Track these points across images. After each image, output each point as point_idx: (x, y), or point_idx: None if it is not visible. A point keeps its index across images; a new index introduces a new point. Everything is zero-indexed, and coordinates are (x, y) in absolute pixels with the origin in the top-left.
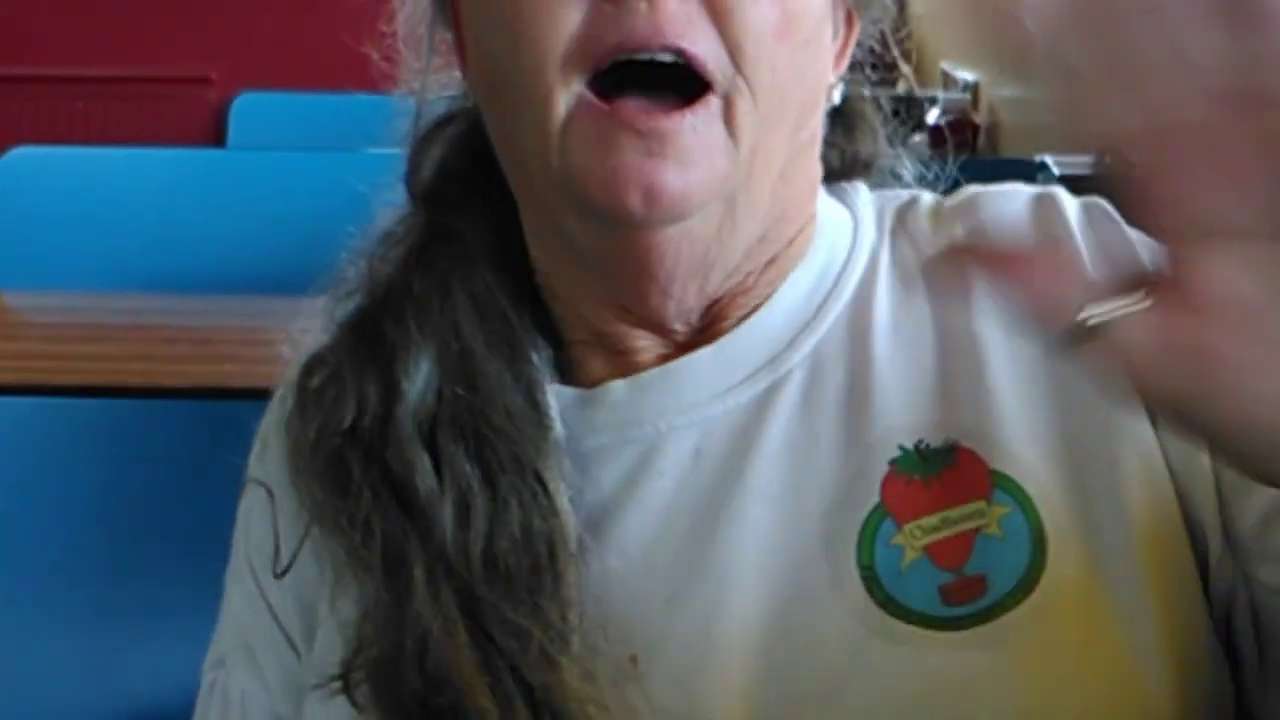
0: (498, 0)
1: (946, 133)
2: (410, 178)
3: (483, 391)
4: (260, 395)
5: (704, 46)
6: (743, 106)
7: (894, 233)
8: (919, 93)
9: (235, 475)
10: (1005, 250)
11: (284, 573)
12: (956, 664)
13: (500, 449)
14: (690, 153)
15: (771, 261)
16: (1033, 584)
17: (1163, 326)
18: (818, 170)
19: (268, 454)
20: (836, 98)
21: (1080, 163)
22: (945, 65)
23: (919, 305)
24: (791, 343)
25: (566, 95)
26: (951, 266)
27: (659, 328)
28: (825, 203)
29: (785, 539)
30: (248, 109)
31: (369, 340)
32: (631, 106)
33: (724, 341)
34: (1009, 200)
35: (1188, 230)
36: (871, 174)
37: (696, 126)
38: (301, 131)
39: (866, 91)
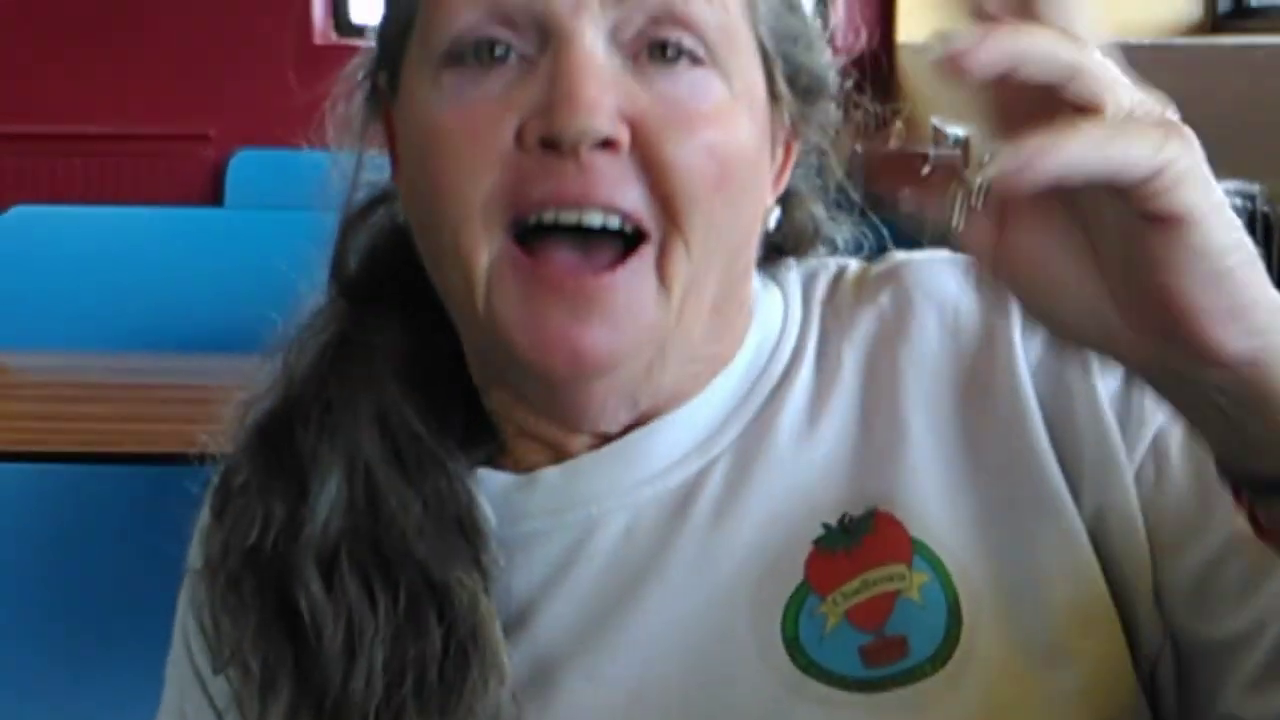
0: (421, 142)
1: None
2: (335, 266)
3: (384, 517)
4: (186, 460)
5: (636, 202)
6: (677, 255)
7: (822, 308)
8: (910, 149)
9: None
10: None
11: (223, 668)
12: None
13: (403, 574)
14: (619, 312)
15: (703, 366)
16: (948, 654)
17: (993, 234)
18: (751, 287)
19: (205, 546)
20: (772, 222)
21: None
22: (935, 121)
23: (843, 379)
24: (722, 426)
25: (490, 245)
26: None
27: (591, 431)
28: (757, 285)
29: (709, 611)
30: (245, 166)
31: (279, 449)
32: (557, 263)
33: (657, 425)
34: (934, 270)
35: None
36: (806, 249)
37: (628, 282)
38: (299, 188)
39: (859, 148)
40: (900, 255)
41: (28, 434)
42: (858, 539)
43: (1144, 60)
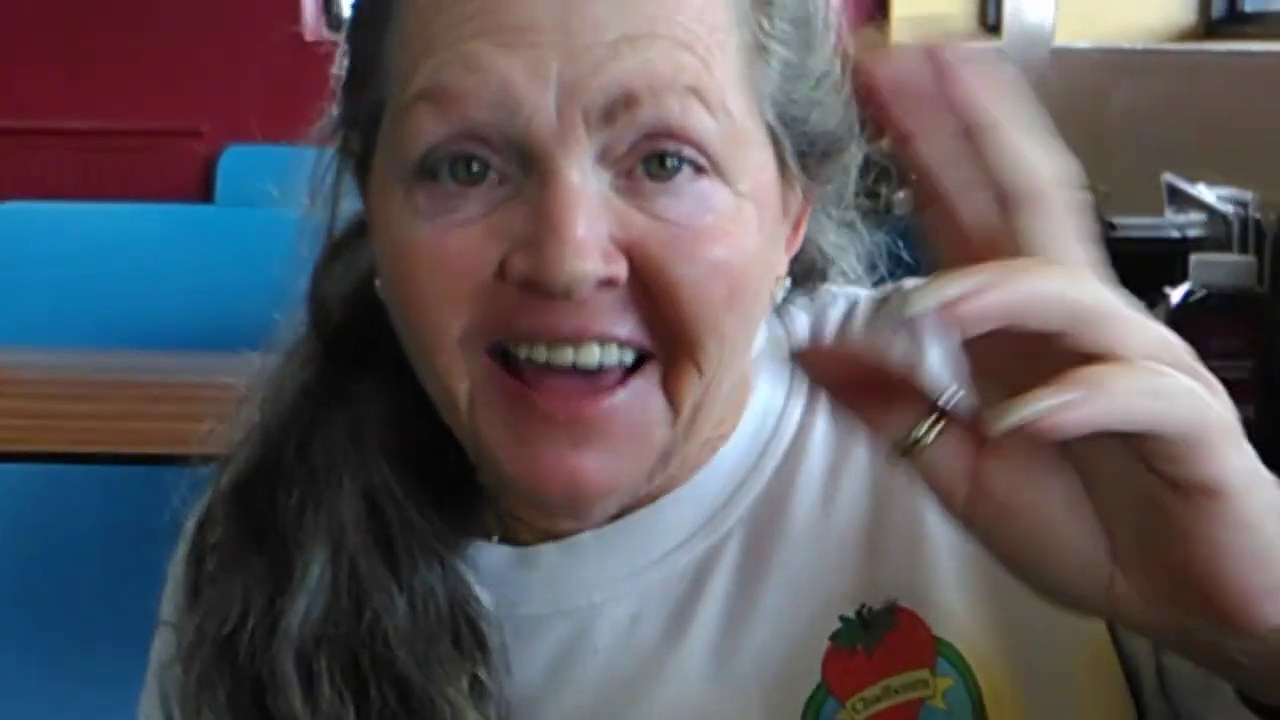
0: (394, 259)
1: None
2: (314, 309)
3: (367, 617)
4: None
5: (638, 329)
6: (687, 377)
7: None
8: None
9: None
10: (843, 356)
11: None
12: None
13: (382, 687)
14: (621, 438)
15: (705, 441)
16: None
17: (969, 463)
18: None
19: (176, 599)
20: (780, 295)
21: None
22: None
23: (855, 448)
24: (730, 500)
25: (471, 368)
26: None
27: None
28: (762, 336)
29: (724, 711)
30: (236, 162)
31: (259, 519)
32: (549, 389)
33: (662, 502)
34: None
35: (1014, 386)
36: (816, 282)
37: (631, 405)
38: (290, 185)
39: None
40: (910, 286)
41: (14, 432)
42: (878, 635)
43: (1137, 66)
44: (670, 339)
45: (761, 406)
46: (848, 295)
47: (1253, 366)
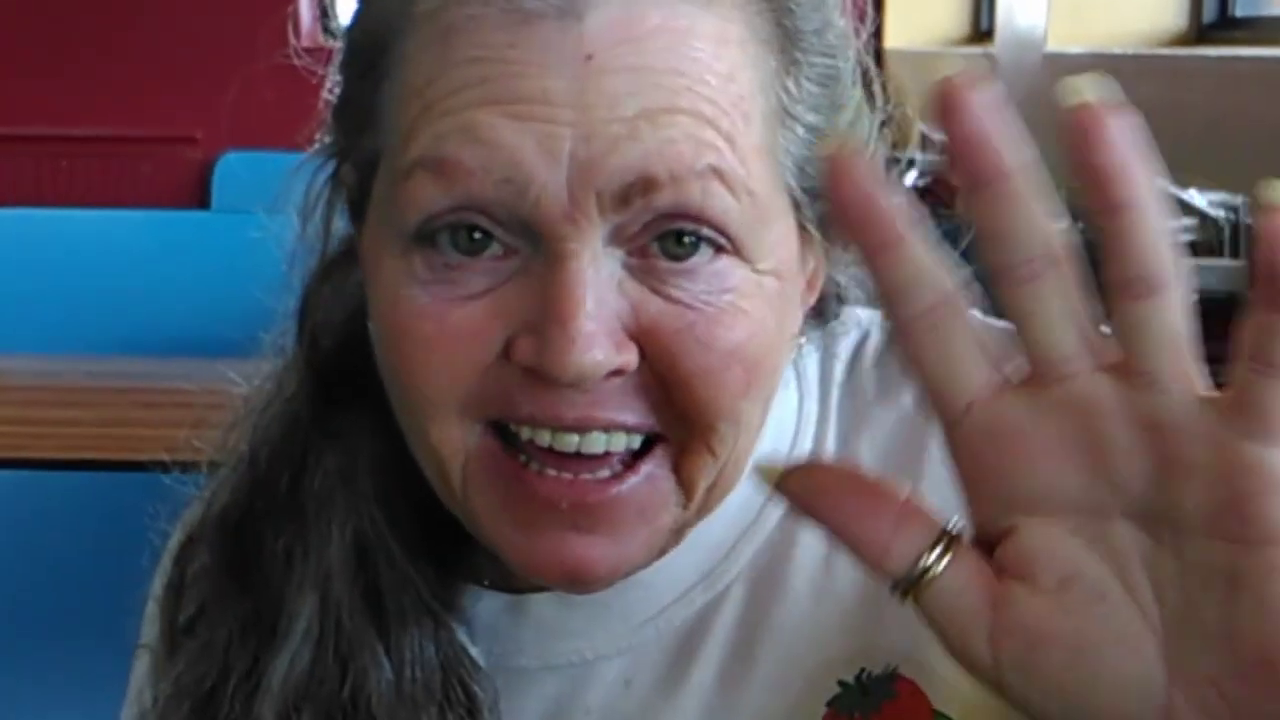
0: (389, 324)
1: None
2: (303, 336)
3: (351, 681)
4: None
5: (647, 415)
6: (700, 460)
7: (840, 395)
8: (897, 155)
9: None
10: (850, 481)
11: None
12: None
13: None
14: (628, 524)
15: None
16: None
17: (988, 591)
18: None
19: (156, 626)
20: (798, 353)
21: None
22: (923, 127)
23: None
24: (729, 553)
25: (466, 440)
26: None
27: None
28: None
29: None
30: (232, 168)
31: (246, 558)
32: (551, 476)
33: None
34: None
35: (1025, 500)
36: (829, 316)
37: (638, 490)
38: (286, 191)
39: None
40: None
41: (7, 439)
42: (876, 704)
43: (1129, 71)
44: (683, 424)
45: (770, 440)
46: (859, 323)
47: (1230, 370)
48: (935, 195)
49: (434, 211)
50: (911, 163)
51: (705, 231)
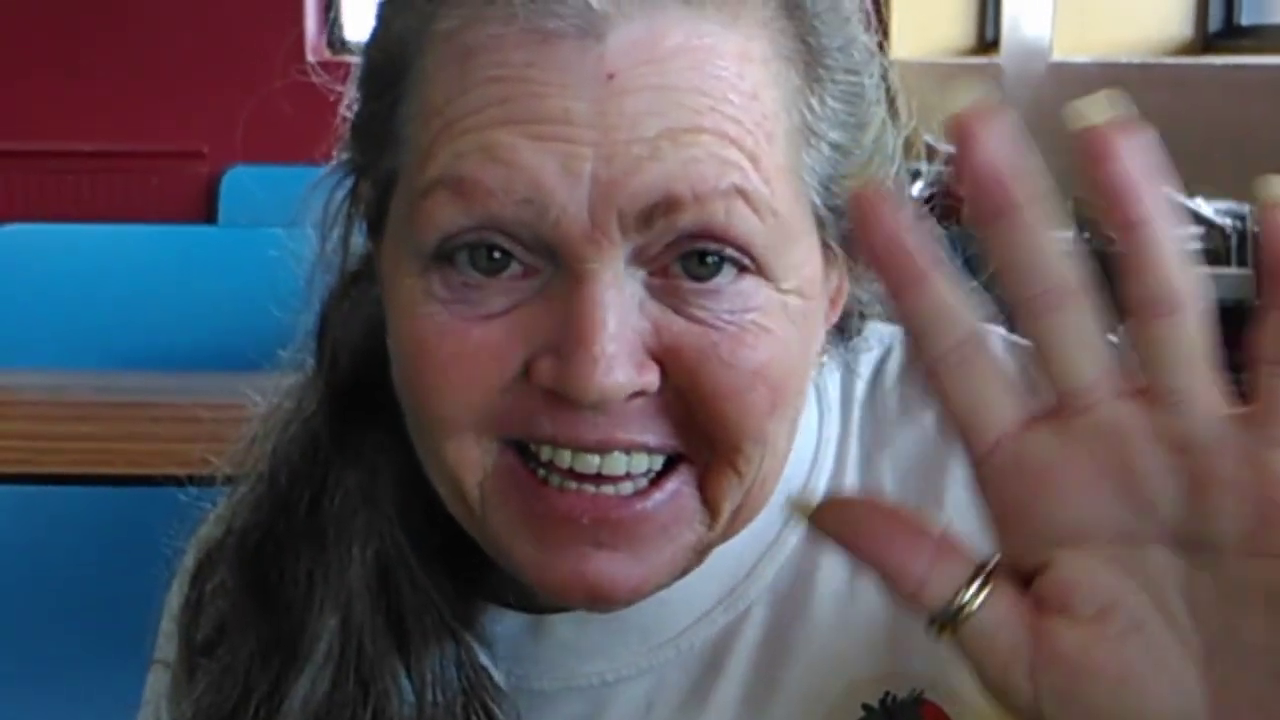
0: (407, 343)
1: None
2: (322, 353)
3: (372, 700)
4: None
5: (671, 435)
6: (725, 480)
7: (862, 414)
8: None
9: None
10: (884, 515)
11: None
12: None
13: None
14: (651, 541)
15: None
16: None
17: (1026, 624)
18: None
19: (173, 640)
20: (819, 370)
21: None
22: (929, 138)
23: None
24: (751, 572)
25: (485, 458)
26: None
27: None
28: None
29: None
30: (239, 183)
31: (266, 580)
32: (572, 491)
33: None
34: None
35: (1059, 532)
36: (851, 332)
37: (662, 509)
38: (293, 205)
39: None
40: None
41: (16, 454)
42: None
43: (1134, 80)
44: (707, 445)
45: (792, 459)
46: (881, 339)
47: (1250, 380)
48: (940, 205)
49: (453, 231)
50: (917, 174)
51: (729, 252)
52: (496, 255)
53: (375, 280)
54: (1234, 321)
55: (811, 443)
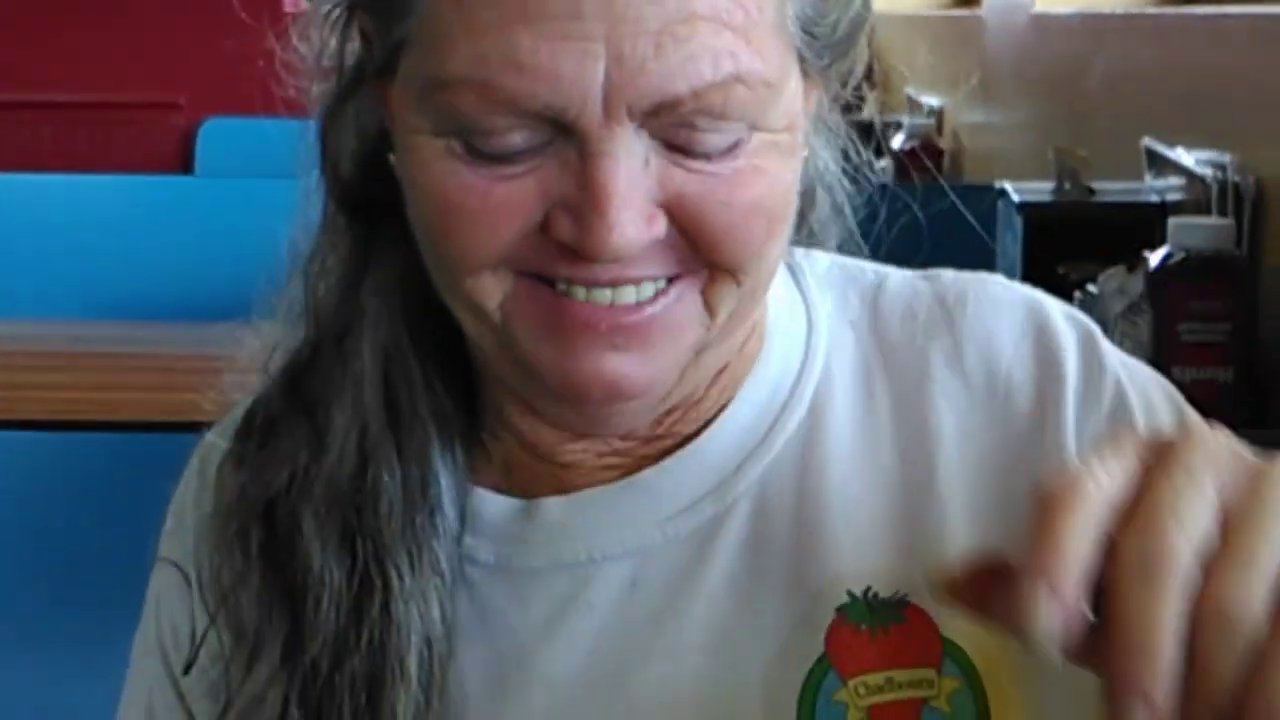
0: (425, 199)
1: (921, 157)
2: (327, 173)
3: (367, 482)
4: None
5: (677, 265)
6: (725, 289)
7: (856, 334)
8: (884, 118)
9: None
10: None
11: (190, 666)
12: None
13: (366, 548)
14: (659, 342)
15: (723, 370)
16: None
17: None
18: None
19: (183, 533)
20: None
21: (1039, 189)
22: (910, 91)
23: (882, 426)
24: (739, 468)
25: (502, 284)
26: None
27: (597, 441)
28: (776, 285)
29: (722, 687)
30: (215, 134)
31: (303, 393)
32: (589, 302)
33: (668, 464)
34: (992, 320)
35: None
36: (810, 209)
37: (669, 311)
38: (269, 157)
39: (835, 118)
40: (951, 282)
41: None
42: (884, 623)
43: (1117, 30)
44: (709, 266)
45: (773, 377)
46: (875, 271)
47: (1231, 329)
48: (921, 157)
49: (474, 120)
50: (899, 125)
51: (725, 125)
52: (518, 138)
53: (368, 90)
54: (1215, 270)
55: (799, 342)
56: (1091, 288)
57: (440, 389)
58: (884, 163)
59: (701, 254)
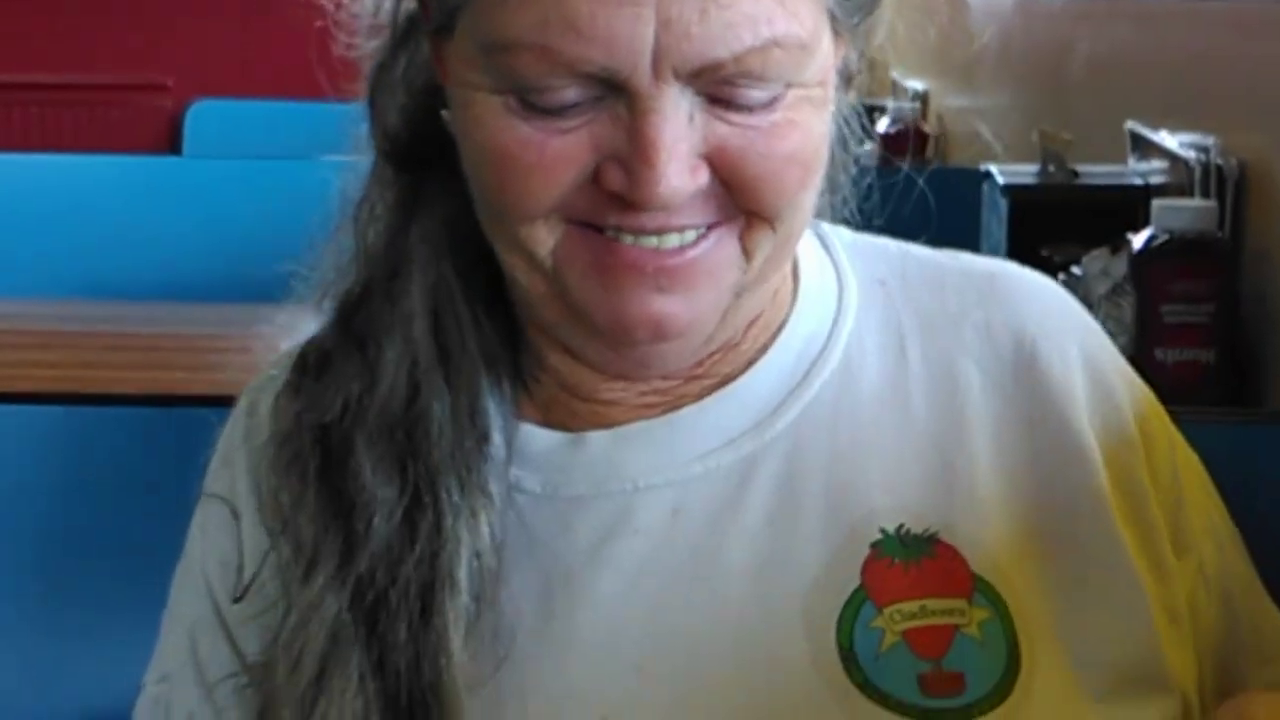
0: (482, 153)
1: (906, 140)
2: (375, 125)
3: (418, 409)
4: (209, 402)
5: (719, 213)
6: (762, 234)
7: (887, 287)
8: (870, 102)
9: (181, 482)
10: None
11: (242, 596)
12: None
13: (417, 470)
14: (700, 283)
15: (759, 317)
16: (1007, 691)
17: None
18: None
19: (232, 470)
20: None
21: (1023, 172)
22: (895, 75)
23: (912, 383)
24: (777, 408)
25: (553, 234)
26: None
27: (638, 382)
28: (805, 247)
29: (762, 615)
30: (203, 116)
31: (355, 329)
32: (637, 246)
33: (708, 402)
34: (1026, 294)
35: None
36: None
37: (709, 254)
38: (257, 138)
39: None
40: (976, 260)
41: None
42: (916, 557)
43: (1102, 13)
44: (748, 213)
45: (809, 326)
46: (898, 246)
47: (1214, 310)
48: (906, 141)
49: (532, 81)
50: (884, 109)
51: (764, 84)
52: (571, 96)
53: (419, 44)
54: (1198, 252)
55: (832, 296)
56: (1075, 270)
57: (488, 329)
58: (869, 146)
59: (740, 202)
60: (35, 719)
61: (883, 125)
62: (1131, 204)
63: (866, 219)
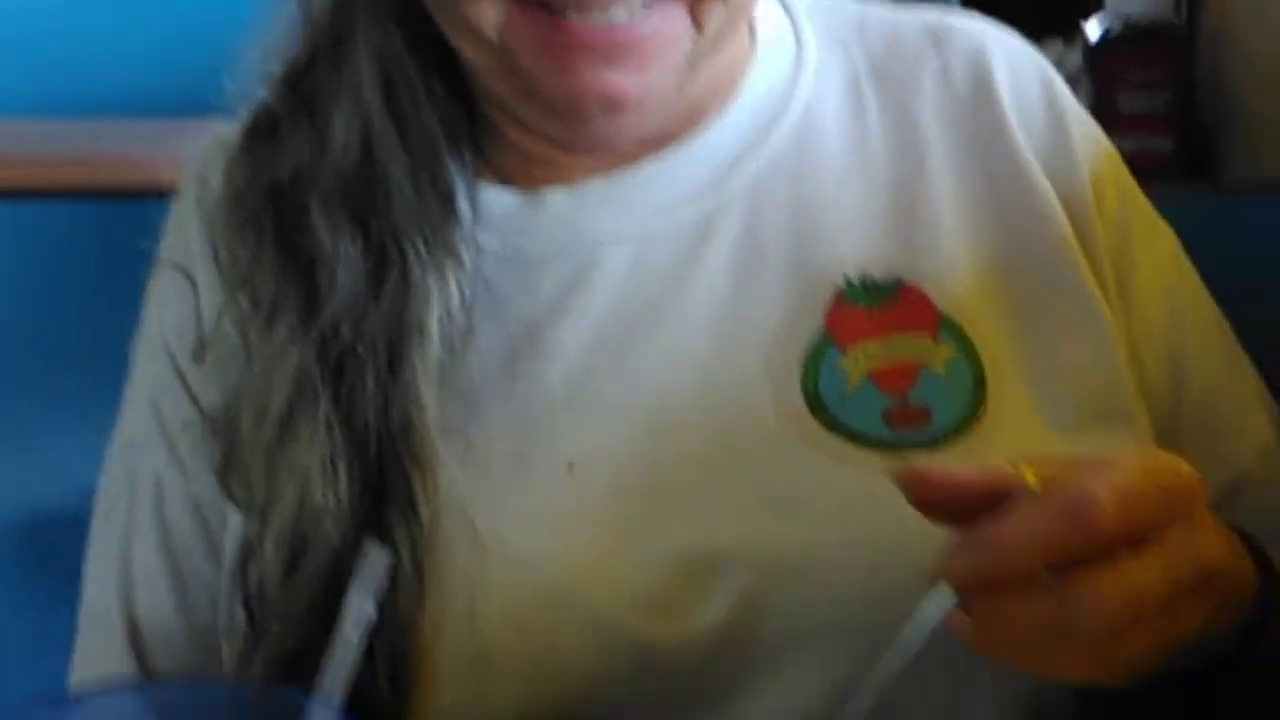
0: None
1: None
2: None
3: (376, 171)
4: (136, 194)
5: None
6: (713, 6)
7: (845, 45)
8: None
9: (124, 273)
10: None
11: (203, 350)
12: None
13: (380, 228)
14: (650, 56)
15: (716, 82)
16: (974, 423)
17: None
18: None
19: (185, 235)
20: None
21: None
22: None
23: (873, 130)
24: (734, 165)
25: (497, 10)
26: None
27: (597, 152)
28: (764, 9)
29: (725, 365)
30: None
31: (303, 92)
32: (586, 23)
33: (665, 156)
34: (986, 40)
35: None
36: None
37: (659, 28)
38: None
39: None
40: (934, 15)
41: None
42: (880, 301)
43: None
44: None
45: (765, 86)
46: (856, 4)
47: (1170, 99)
48: None
49: None
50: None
51: None
52: None
53: None
54: (1154, 40)
55: (789, 48)
56: None
57: (442, 94)
58: None
59: None
60: None
61: None
62: None
63: None
